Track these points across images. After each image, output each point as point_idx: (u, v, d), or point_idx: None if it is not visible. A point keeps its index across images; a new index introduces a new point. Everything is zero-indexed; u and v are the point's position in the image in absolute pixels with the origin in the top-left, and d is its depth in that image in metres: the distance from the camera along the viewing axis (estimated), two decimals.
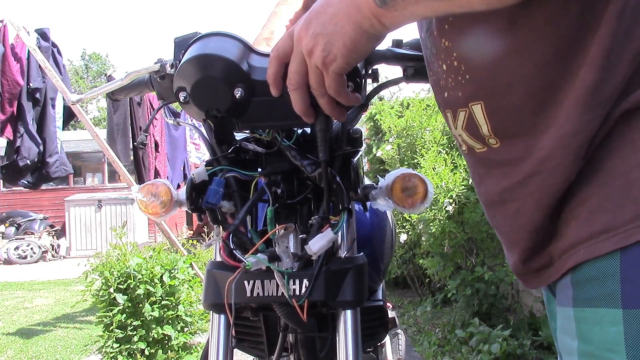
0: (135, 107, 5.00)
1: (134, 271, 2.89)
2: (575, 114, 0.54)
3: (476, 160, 0.67)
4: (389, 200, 0.86)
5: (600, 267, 0.54)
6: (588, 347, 0.55)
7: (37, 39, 3.78)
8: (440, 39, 0.64)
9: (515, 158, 0.61)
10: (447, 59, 0.64)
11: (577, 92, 0.54)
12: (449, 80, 0.65)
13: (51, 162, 3.99)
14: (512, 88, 0.58)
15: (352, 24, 0.57)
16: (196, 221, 11.05)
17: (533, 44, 0.55)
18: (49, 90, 3.86)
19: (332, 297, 0.77)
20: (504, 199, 0.64)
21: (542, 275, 0.64)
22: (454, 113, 0.66)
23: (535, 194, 0.59)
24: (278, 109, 0.73)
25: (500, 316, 3.31)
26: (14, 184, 4.12)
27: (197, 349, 3.19)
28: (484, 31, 0.58)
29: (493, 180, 0.65)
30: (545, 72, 0.56)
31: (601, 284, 0.54)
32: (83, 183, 12.66)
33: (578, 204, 0.57)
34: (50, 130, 3.99)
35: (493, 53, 0.58)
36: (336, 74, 0.61)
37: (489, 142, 0.63)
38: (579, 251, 0.56)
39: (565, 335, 0.60)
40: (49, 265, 9.33)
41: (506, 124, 0.60)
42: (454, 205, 3.23)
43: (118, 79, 0.92)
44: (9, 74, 3.56)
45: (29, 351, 3.95)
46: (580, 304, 0.56)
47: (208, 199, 0.77)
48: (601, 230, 0.54)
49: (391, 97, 12.42)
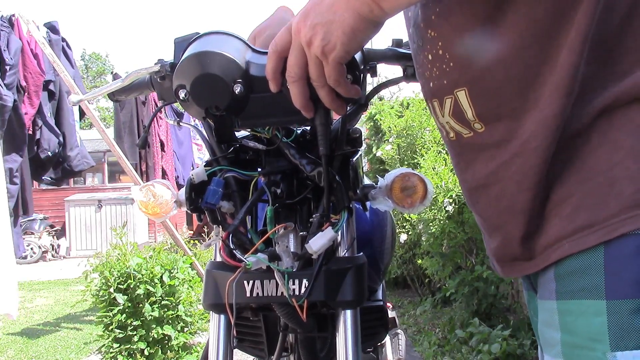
0: (139, 106, 4.99)
1: (134, 271, 2.89)
2: (555, 97, 0.56)
3: (463, 147, 0.68)
4: (388, 200, 0.86)
5: (585, 261, 0.56)
6: (572, 338, 0.57)
7: (47, 32, 3.76)
8: (427, 30, 0.65)
9: (499, 141, 0.62)
10: (433, 49, 0.65)
11: (556, 76, 0.56)
12: (434, 70, 0.66)
13: (72, 156, 3.91)
14: (492, 72, 0.60)
15: (350, 11, 0.57)
16: (196, 221, 11.04)
17: (511, 28, 0.57)
18: (63, 83, 3.80)
19: (332, 297, 0.77)
20: (488, 182, 0.65)
21: (519, 267, 0.66)
22: (440, 101, 0.67)
23: (516, 176, 0.61)
24: (277, 106, 0.73)
25: (500, 316, 3.32)
26: (38, 180, 4.05)
27: (197, 349, 3.19)
28: (468, 18, 0.60)
29: (480, 164, 0.66)
30: (523, 56, 0.57)
31: (585, 277, 0.56)
32: (83, 183, 12.65)
33: (560, 202, 0.58)
34: (70, 123, 3.92)
35: (474, 39, 0.60)
36: (336, 62, 0.61)
37: (475, 126, 0.64)
38: (563, 246, 0.57)
39: (547, 328, 0.61)
40: (49, 265, 9.33)
41: (489, 107, 0.62)
42: (454, 205, 3.23)
43: (118, 80, 0.92)
44: (30, 67, 3.52)
45: (29, 351, 3.95)
46: (564, 297, 0.58)
47: (207, 199, 0.77)
48: (585, 225, 0.56)
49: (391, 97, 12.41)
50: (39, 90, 3.58)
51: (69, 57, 3.93)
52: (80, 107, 3.96)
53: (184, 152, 5.92)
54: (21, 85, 3.45)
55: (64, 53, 3.84)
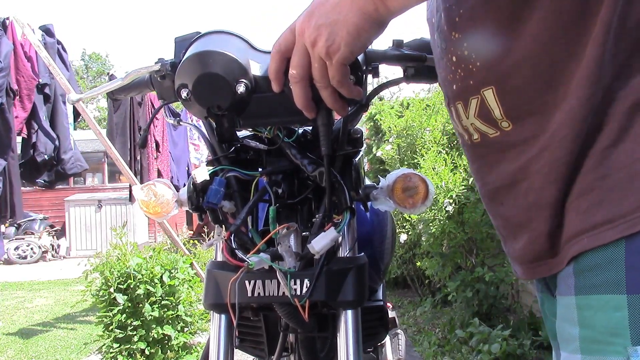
0: (135, 107, 4.98)
1: (134, 271, 2.89)
2: (581, 89, 0.56)
3: (488, 147, 0.68)
4: (389, 201, 0.86)
5: (605, 255, 0.55)
6: (591, 333, 0.56)
7: (42, 35, 3.76)
8: (451, 32, 0.65)
9: (527, 137, 0.62)
10: (457, 50, 0.65)
11: (583, 68, 0.56)
12: (458, 72, 0.66)
13: (66, 159, 3.91)
14: (519, 69, 0.59)
15: (355, 10, 0.57)
16: (196, 221, 11.05)
17: (538, 24, 0.57)
18: (58, 86, 3.80)
19: (333, 297, 0.77)
20: (515, 179, 0.65)
21: (544, 266, 0.65)
22: (465, 103, 0.67)
23: (544, 169, 0.61)
24: (279, 106, 0.73)
25: (500, 316, 3.32)
26: (32, 183, 4.07)
27: (197, 349, 3.19)
28: (493, 17, 0.60)
29: (506, 163, 0.66)
30: (550, 51, 0.57)
31: (605, 271, 0.55)
32: (83, 183, 12.65)
33: (579, 196, 0.58)
34: (64, 126, 3.92)
35: (500, 37, 0.60)
36: (340, 63, 0.61)
37: (502, 125, 0.64)
38: (582, 240, 0.57)
39: (565, 324, 0.61)
40: (49, 265, 9.33)
41: (517, 105, 0.62)
42: (454, 206, 3.23)
43: (118, 79, 0.92)
44: (23, 71, 3.52)
45: (29, 351, 3.95)
46: (583, 292, 0.58)
47: (209, 199, 0.77)
48: (605, 220, 0.55)
49: (391, 97, 12.43)
50: (31, 94, 3.58)
51: (64, 59, 3.93)
52: (76, 108, 3.96)
53: (179, 152, 5.91)
54: (12, 89, 3.44)
55: (59, 56, 3.84)
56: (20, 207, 3.58)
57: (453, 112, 0.71)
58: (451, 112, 0.71)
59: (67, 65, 3.96)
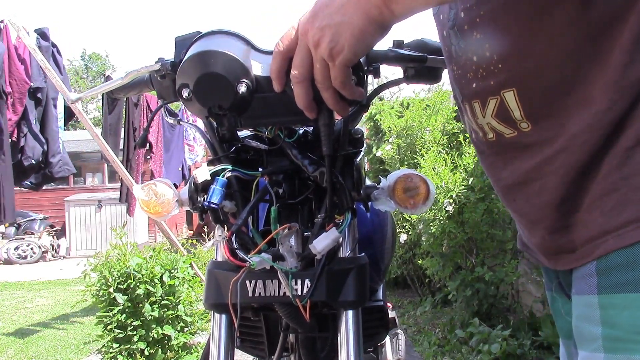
0: (131, 107, 4.98)
1: (134, 271, 2.89)
2: (606, 94, 0.56)
3: (504, 146, 0.68)
4: (390, 201, 0.86)
5: (631, 255, 0.55)
6: (615, 332, 0.56)
7: (37, 38, 3.77)
8: (472, 32, 0.65)
9: (546, 138, 0.62)
10: (478, 50, 0.65)
11: (608, 74, 0.56)
12: (480, 71, 0.66)
13: (54, 162, 3.95)
14: (543, 72, 0.60)
15: (360, 13, 0.57)
16: (196, 221, 11.05)
17: (564, 30, 0.57)
18: (50, 90, 3.83)
19: (333, 298, 0.77)
20: (528, 178, 0.65)
21: (565, 259, 0.65)
22: (482, 102, 0.67)
23: (560, 170, 0.61)
24: (280, 106, 0.73)
25: (500, 316, 3.32)
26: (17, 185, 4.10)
27: (197, 349, 3.19)
28: (515, 20, 0.60)
29: (520, 162, 0.66)
30: (576, 56, 0.57)
31: (631, 271, 0.55)
32: (83, 183, 12.65)
33: (602, 196, 0.58)
34: (53, 130, 3.95)
35: (524, 40, 0.60)
36: (343, 65, 0.61)
37: (521, 126, 0.64)
38: (607, 241, 0.57)
39: (585, 323, 0.61)
40: (49, 265, 9.33)
41: (538, 107, 0.62)
42: (454, 205, 3.24)
43: (118, 78, 0.92)
44: (16, 74, 3.53)
45: (29, 351, 3.95)
46: (607, 291, 0.57)
47: (210, 199, 0.77)
48: (630, 220, 0.55)
49: (391, 97, 12.42)
50: (23, 97, 3.59)
51: (58, 63, 3.94)
52: (71, 109, 3.97)
53: (171, 154, 5.89)
54: (4, 91, 3.45)
55: (53, 59, 3.85)
56: (11, 208, 3.59)
57: (467, 109, 0.70)
58: (464, 109, 0.71)
59: (60, 69, 3.98)
